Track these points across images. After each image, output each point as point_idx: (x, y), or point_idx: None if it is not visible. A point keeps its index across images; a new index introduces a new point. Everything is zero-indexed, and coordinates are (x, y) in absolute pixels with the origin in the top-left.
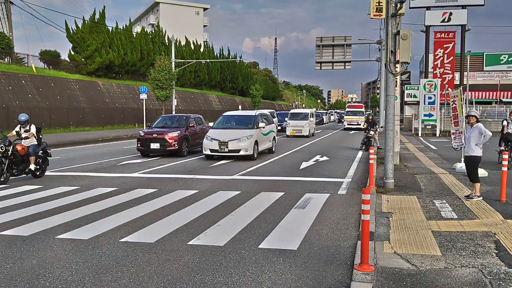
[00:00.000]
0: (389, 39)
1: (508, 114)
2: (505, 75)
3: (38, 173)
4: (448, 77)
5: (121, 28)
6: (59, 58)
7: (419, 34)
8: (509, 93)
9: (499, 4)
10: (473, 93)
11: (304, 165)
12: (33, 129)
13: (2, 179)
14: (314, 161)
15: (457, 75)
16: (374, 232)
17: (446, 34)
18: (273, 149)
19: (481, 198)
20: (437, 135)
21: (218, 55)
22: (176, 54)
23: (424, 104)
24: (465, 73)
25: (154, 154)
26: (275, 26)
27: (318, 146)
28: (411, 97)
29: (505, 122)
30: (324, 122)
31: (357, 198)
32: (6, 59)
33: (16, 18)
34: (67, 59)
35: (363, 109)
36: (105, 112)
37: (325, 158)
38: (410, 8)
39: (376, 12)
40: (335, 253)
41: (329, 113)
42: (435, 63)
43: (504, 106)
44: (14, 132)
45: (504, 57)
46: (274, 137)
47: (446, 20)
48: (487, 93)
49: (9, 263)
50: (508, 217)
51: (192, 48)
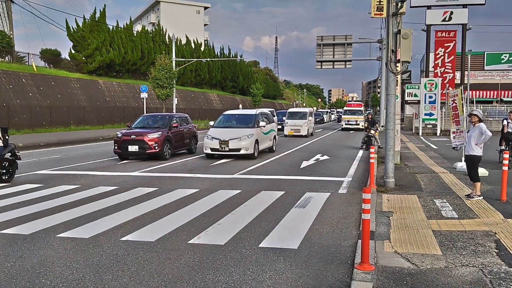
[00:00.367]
0: (390, 38)
1: (508, 113)
2: (505, 74)
3: (5, 177)
4: (449, 76)
5: (122, 27)
6: (59, 57)
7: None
8: (510, 92)
9: (500, 4)
10: (474, 92)
11: (304, 164)
12: None
13: None
14: (314, 160)
15: (458, 74)
16: (374, 231)
17: (447, 33)
18: (274, 148)
19: (482, 197)
20: (438, 134)
21: (218, 54)
22: (177, 53)
23: (425, 103)
24: (466, 72)
25: (133, 158)
26: (275, 25)
27: (319, 145)
28: (411, 96)
29: (505, 122)
30: (325, 121)
31: (358, 197)
32: (6, 57)
33: (16, 16)
34: (68, 57)
35: (362, 108)
36: (105, 111)
37: (325, 157)
38: (411, 7)
39: (377, 11)
40: (336, 252)
41: (329, 112)
42: (436, 62)
43: (505, 105)
44: None
45: (505, 56)
46: (275, 136)
47: (447, 19)
48: (488, 92)
49: (10, 262)
50: (508, 216)
51: (193, 47)
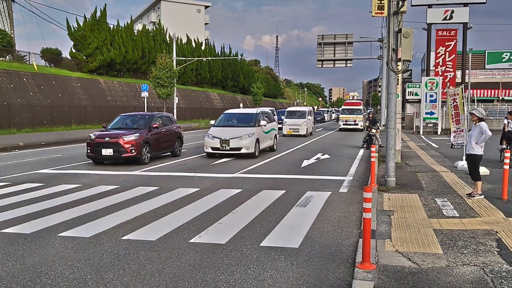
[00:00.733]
0: (390, 37)
1: (507, 113)
2: (506, 73)
3: None
4: (450, 75)
5: (123, 26)
6: (60, 56)
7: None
8: (511, 91)
9: (501, 2)
10: (474, 91)
11: (305, 163)
12: None
13: None
14: (315, 159)
15: (458, 73)
16: (375, 230)
17: (447, 32)
18: (275, 147)
19: (483, 196)
20: (439, 133)
21: (219, 53)
22: (177, 52)
23: (426, 102)
24: (467, 71)
25: (108, 162)
26: (276, 24)
27: (320, 144)
28: (412, 95)
29: (505, 121)
30: (326, 120)
31: (359, 196)
32: (7, 57)
33: (17, 16)
34: (69, 57)
35: (361, 107)
36: (106, 110)
37: (326, 156)
38: (411, 6)
39: (377, 10)
40: (337, 251)
41: (330, 111)
42: (437, 61)
43: (506, 104)
44: None
45: (506, 55)
46: (276, 135)
47: (447, 18)
48: (489, 91)
49: (11, 261)
50: (509, 215)
51: (193, 46)
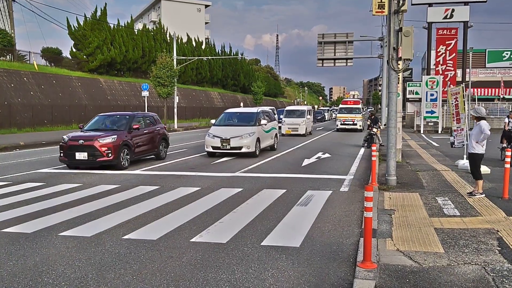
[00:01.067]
0: (391, 36)
1: (510, 112)
2: (507, 72)
3: None
4: (450, 74)
5: (123, 25)
6: (60, 56)
7: (421, 30)
8: (511, 89)
9: (501, 1)
10: (475, 90)
11: (306, 162)
12: None
13: None
14: (316, 158)
15: (459, 72)
16: (376, 229)
17: (448, 30)
18: (275, 146)
19: (484, 195)
20: (439, 132)
21: (219, 52)
22: (178, 51)
23: (426, 101)
24: (468, 70)
25: (84, 167)
26: (276, 23)
27: (320, 143)
28: (413, 94)
29: (506, 120)
30: (326, 119)
31: (359, 195)
32: (8, 56)
33: (17, 15)
34: (69, 56)
35: (360, 106)
36: (107, 109)
37: (327, 155)
38: (412, 4)
39: (378, 8)
40: (338, 250)
41: (330, 110)
42: (437, 60)
43: (507, 103)
44: None
45: (507, 54)
46: (276, 134)
47: (448, 16)
48: (489, 90)
49: (12, 260)
50: (510, 214)
51: (194, 45)
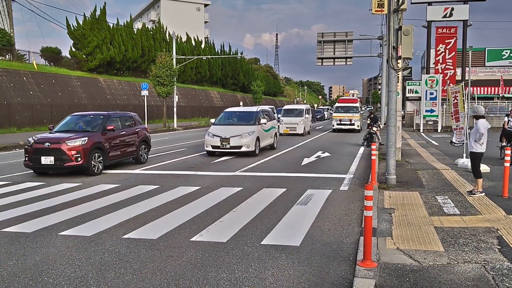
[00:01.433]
0: (391, 35)
1: (510, 111)
2: (507, 70)
3: None
4: (450, 72)
5: (122, 24)
6: (60, 55)
7: (421, 29)
8: (511, 88)
9: None
10: (475, 88)
11: (306, 161)
12: None
13: None
14: (316, 157)
15: (458, 70)
16: (376, 228)
17: (447, 29)
18: (275, 145)
19: (484, 193)
20: (439, 130)
21: (219, 51)
22: (177, 51)
23: (426, 99)
24: (467, 69)
25: (53, 172)
26: (276, 22)
27: (320, 142)
28: (412, 92)
29: (506, 118)
30: (326, 118)
31: (359, 194)
32: (7, 56)
33: (17, 14)
34: (68, 55)
35: (358, 104)
36: (106, 108)
37: (326, 154)
38: (411, 3)
39: (377, 7)
40: (338, 249)
41: (330, 110)
42: (437, 58)
43: (506, 101)
44: None
45: (506, 53)
46: (276, 133)
47: (447, 15)
48: (489, 88)
49: (12, 260)
50: (510, 212)
51: (193, 44)
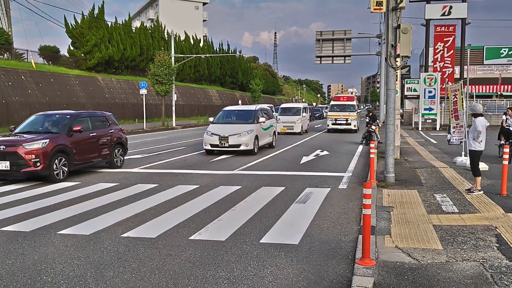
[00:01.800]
0: (389, 33)
1: (507, 109)
2: (505, 69)
3: None
4: (448, 70)
5: (121, 23)
6: (58, 54)
7: (419, 27)
8: (510, 86)
9: None
10: (473, 87)
11: (304, 159)
12: None
13: None
14: (314, 156)
15: (457, 68)
16: (375, 226)
17: (446, 27)
18: (274, 144)
19: (482, 192)
20: (437, 129)
21: (217, 49)
22: (176, 49)
23: (424, 98)
24: (465, 67)
25: (11, 179)
26: (274, 20)
27: (318, 140)
28: (411, 91)
29: (504, 116)
30: (324, 116)
31: (358, 192)
32: (5, 54)
33: (15, 13)
34: (67, 54)
35: (355, 103)
36: (105, 107)
37: (325, 152)
38: (410, 1)
39: (376, 6)
40: (337, 247)
41: (327, 108)
42: (435, 57)
43: (505, 99)
44: None
45: (504, 51)
46: (275, 132)
47: (446, 13)
48: (488, 86)
49: (11, 259)
50: (509, 210)
51: (192, 43)
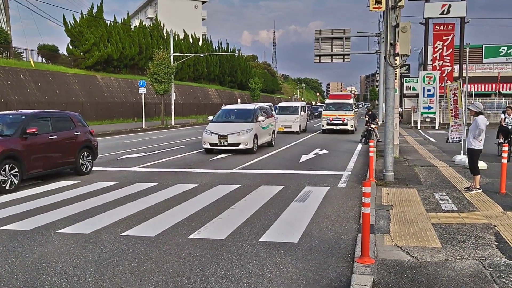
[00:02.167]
0: (388, 32)
1: (506, 108)
2: (504, 67)
3: None
4: (447, 69)
5: (119, 22)
6: (57, 53)
7: (418, 26)
8: (509, 85)
9: None
10: (472, 85)
11: (303, 158)
12: None
13: None
14: (313, 155)
15: (456, 67)
16: (374, 224)
17: (445, 26)
18: (273, 143)
19: (481, 190)
20: (436, 127)
21: (216, 48)
22: (175, 48)
23: (423, 96)
24: (464, 66)
25: None
26: (273, 19)
27: (318, 139)
28: (410, 89)
29: (502, 115)
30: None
31: (357, 191)
32: (4, 53)
33: (13, 12)
34: (66, 53)
35: (351, 101)
36: (104, 106)
37: (324, 151)
38: (409, 0)
39: (375, 4)
40: (336, 246)
41: None
42: (434, 55)
43: (504, 98)
44: None
45: (503, 49)
46: (274, 131)
47: (445, 12)
48: (487, 85)
49: (11, 258)
50: (508, 209)
51: (191, 41)
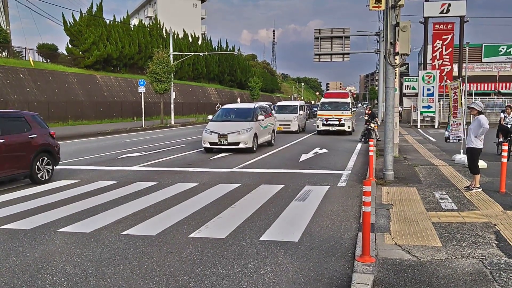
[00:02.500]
0: (388, 31)
1: (505, 107)
2: (503, 67)
3: None
4: (447, 68)
5: (119, 21)
6: (56, 52)
7: (418, 25)
8: (508, 84)
9: None
10: (471, 84)
11: (303, 157)
12: None
13: None
14: (313, 154)
15: (455, 66)
16: (374, 223)
17: (444, 25)
18: (272, 142)
19: (481, 189)
20: (436, 126)
21: (216, 47)
22: (174, 47)
23: (423, 96)
24: (464, 65)
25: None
26: (273, 18)
27: (317, 138)
28: (410, 89)
29: (502, 114)
30: None
31: (357, 190)
32: (3, 52)
33: (13, 11)
34: (65, 52)
35: (349, 100)
36: (103, 105)
37: (324, 150)
38: None
39: (375, 3)
40: (336, 244)
41: None
42: (434, 54)
43: (503, 97)
44: None
45: (503, 49)
46: (273, 130)
47: (445, 11)
48: (486, 84)
49: (11, 257)
50: (507, 208)
51: (190, 40)
